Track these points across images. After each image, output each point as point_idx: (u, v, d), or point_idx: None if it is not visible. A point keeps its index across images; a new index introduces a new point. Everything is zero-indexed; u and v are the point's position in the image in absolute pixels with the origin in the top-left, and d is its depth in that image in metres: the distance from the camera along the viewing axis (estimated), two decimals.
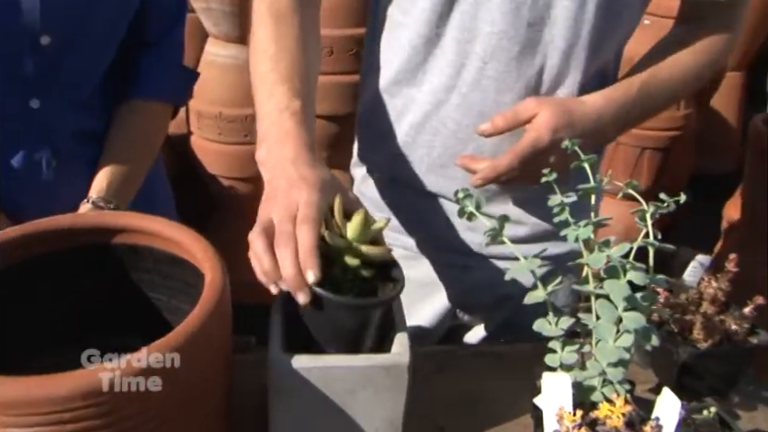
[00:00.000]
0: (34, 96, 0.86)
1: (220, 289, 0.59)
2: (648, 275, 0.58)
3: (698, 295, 0.80)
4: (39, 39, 0.82)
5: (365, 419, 0.65)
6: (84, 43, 0.87)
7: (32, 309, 0.69)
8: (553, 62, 0.81)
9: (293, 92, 0.72)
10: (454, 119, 0.85)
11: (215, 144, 1.90)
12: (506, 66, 0.81)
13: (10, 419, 0.49)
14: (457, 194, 0.66)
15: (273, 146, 0.69)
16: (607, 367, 0.60)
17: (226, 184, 1.96)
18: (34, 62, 0.83)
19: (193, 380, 0.56)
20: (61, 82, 0.87)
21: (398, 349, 0.64)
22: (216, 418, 0.62)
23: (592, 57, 0.82)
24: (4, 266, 0.65)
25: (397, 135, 0.90)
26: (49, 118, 0.88)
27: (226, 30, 1.82)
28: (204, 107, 1.87)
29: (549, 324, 0.62)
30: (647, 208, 0.61)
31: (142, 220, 0.70)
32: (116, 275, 0.72)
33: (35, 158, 0.89)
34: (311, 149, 0.69)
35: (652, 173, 1.85)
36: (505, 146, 0.83)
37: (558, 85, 0.83)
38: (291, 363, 0.61)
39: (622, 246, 0.56)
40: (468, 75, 0.83)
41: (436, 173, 0.90)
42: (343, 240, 0.64)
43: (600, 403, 0.57)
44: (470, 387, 0.79)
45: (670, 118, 1.79)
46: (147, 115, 0.97)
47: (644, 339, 0.60)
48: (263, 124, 0.72)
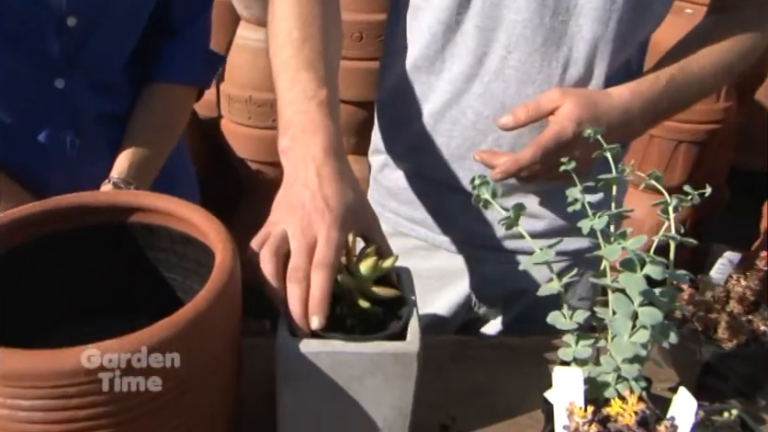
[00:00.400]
0: (59, 76, 0.87)
1: (228, 272, 0.59)
2: (667, 270, 0.56)
3: (725, 293, 0.77)
4: (65, 20, 0.83)
5: (373, 406, 0.64)
6: (108, 26, 0.87)
7: (49, 285, 0.70)
8: (579, 55, 0.78)
9: (319, 80, 0.70)
10: (474, 108, 0.83)
11: (244, 128, 1.91)
12: (529, 57, 0.78)
13: (16, 391, 0.49)
14: (473, 181, 0.65)
15: (299, 136, 0.67)
16: (622, 363, 0.58)
17: (254, 168, 1.97)
18: (60, 43, 0.85)
19: (199, 362, 0.56)
20: (85, 63, 0.89)
21: (408, 337, 0.63)
22: (224, 401, 0.62)
23: (619, 50, 0.79)
24: (21, 241, 0.66)
25: (415, 124, 0.89)
26: (73, 98, 0.89)
27: (257, 14, 1.82)
28: (234, 90, 1.88)
29: (564, 318, 0.60)
30: (669, 200, 0.59)
31: (157, 199, 0.70)
32: (132, 254, 0.72)
33: (60, 137, 0.90)
34: (339, 143, 0.67)
35: (688, 167, 1.79)
36: (525, 140, 0.81)
37: (582, 77, 0.80)
38: (299, 348, 0.60)
39: (638, 239, 0.54)
40: (491, 64, 0.81)
41: (454, 164, 0.88)
42: (353, 281, 0.64)
43: (612, 400, 0.55)
44: (483, 378, 0.78)
45: (708, 110, 1.73)
46: (170, 98, 0.97)
47: (661, 336, 0.58)
48: (287, 112, 0.70)
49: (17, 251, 0.65)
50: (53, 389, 0.49)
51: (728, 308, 0.75)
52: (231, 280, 0.59)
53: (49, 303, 0.70)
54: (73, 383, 0.49)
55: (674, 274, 0.57)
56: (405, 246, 0.95)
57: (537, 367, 0.63)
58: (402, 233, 0.97)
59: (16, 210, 0.66)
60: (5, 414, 0.50)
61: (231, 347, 0.61)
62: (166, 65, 0.97)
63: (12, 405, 0.50)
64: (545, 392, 0.64)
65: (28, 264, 0.67)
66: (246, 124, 1.90)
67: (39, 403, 0.50)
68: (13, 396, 0.49)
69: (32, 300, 0.68)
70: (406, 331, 0.63)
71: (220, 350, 0.59)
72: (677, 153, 1.76)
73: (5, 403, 0.50)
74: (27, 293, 0.68)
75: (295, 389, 0.63)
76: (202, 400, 0.58)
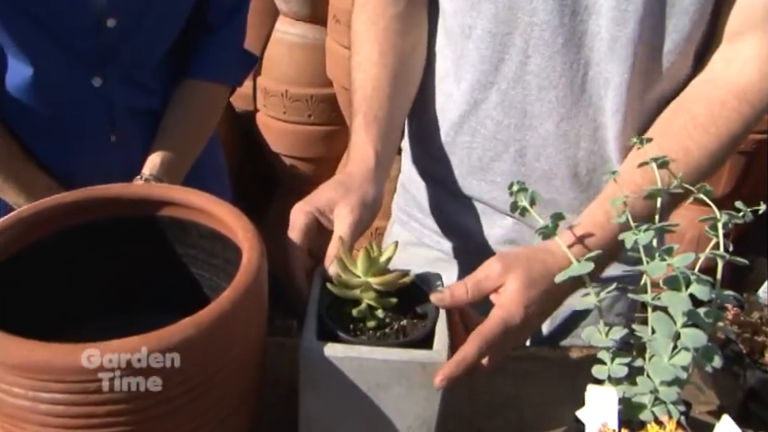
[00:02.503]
0: (96, 74, 0.88)
1: (255, 272, 0.58)
2: (714, 289, 0.53)
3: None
4: (105, 21, 0.84)
5: (397, 415, 0.62)
6: (146, 26, 0.88)
7: (79, 276, 0.70)
8: (599, 56, 0.73)
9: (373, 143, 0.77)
10: (493, 118, 0.80)
11: (279, 123, 1.91)
12: (550, 60, 0.74)
13: (39, 383, 0.49)
14: (512, 186, 0.63)
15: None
16: (660, 385, 0.55)
17: (288, 163, 1.97)
18: (98, 42, 0.86)
19: (222, 361, 0.55)
20: (122, 62, 0.90)
21: (435, 346, 0.61)
22: (245, 400, 0.61)
23: (643, 54, 0.73)
24: (50, 232, 0.66)
25: (436, 135, 0.87)
26: (109, 95, 0.90)
27: (296, 9, 1.82)
28: (271, 84, 1.88)
29: (600, 334, 0.58)
30: (719, 216, 0.56)
31: (188, 193, 0.70)
32: (161, 248, 0.72)
33: (94, 132, 0.91)
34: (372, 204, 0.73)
35: (733, 178, 1.73)
36: (550, 150, 0.78)
37: (603, 82, 0.75)
38: (324, 352, 0.59)
39: (686, 256, 0.52)
40: (507, 71, 0.77)
41: (476, 176, 0.85)
42: (356, 278, 0.64)
43: (649, 424, 0.53)
44: (511, 390, 0.75)
45: None
46: (204, 96, 0.98)
47: (705, 359, 0.55)
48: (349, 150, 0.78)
49: (46, 241, 0.66)
50: (73, 383, 0.49)
51: None
52: (256, 280, 0.58)
53: (78, 295, 0.70)
54: (93, 379, 0.49)
55: (722, 294, 0.54)
56: (428, 257, 0.93)
57: (568, 381, 0.61)
58: (426, 245, 0.95)
59: (45, 201, 0.66)
60: (26, 405, 0.50)
61: (255, 347, 0.60)
62: (201, 63, 0.97)
63: (34, 398, 0.50)
64: (574, 407, 0.61)
65: (58, 255, 0.67)
66: (281, 119, 1.90)
67: (60, 396, 0.49)
68: (35, 389, 0.49)
69: (61, 292, 0.69)
70: (433, 338, 0.61)
71: (244, 350, 0.58)
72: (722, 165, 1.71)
73: (28, 395, 0.50)
74: (56, 285, 0.68)
75: (318, 393, 0.61)
76: (223, 399, 0.57)
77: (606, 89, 0.75)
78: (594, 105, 0.77)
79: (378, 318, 0.64)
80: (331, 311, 0.64)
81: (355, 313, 0.63)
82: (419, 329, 0.63)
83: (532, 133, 0.79)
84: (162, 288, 0.73)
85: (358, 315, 0.63)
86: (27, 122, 0.90)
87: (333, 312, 0.63)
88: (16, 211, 0.64)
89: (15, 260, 0.62)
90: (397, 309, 0.65)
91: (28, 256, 0.64)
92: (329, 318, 0.62)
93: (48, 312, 0.65)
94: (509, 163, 0.82)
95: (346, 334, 0.61)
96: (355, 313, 0.63)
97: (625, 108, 0.75)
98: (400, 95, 0.81)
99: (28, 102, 0.87)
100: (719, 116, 0.70)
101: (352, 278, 0.64)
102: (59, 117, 0.89)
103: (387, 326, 0.64)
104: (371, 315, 0.64)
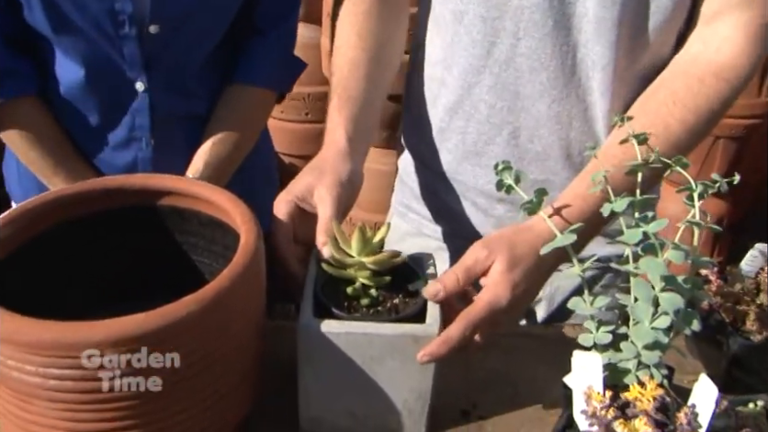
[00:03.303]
0: (139, 78, 0.90)
1: (252, 252, 0.60)
2: (690, 256, 0.55)
3: (755, 285, 0.75)
4: (147, 28, 0.86)
5: (393, 388, 0.65)
6: (189, 32, 0.89)
7: (84, 266, 0.73)
8: (587, 38, 0.76)
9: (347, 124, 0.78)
10: (486, 101, 0.82)
11: (276, 122, 1.94)
12: (540, 42, 0.77)
13: (47, 360, 0.51)
14: (497, 166, 0.65)
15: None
16: (642, 349, 0.57)
17: (287, 161, 2.00)
18: (141, 48, 0.87)
19: (222, 338, 0.58)
20: (165, 66, 0.91)
21: (428, 320, 0.64)
22: (245, 379, 0.63)
23: (627, 34, 0.75)
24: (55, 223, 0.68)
25: (432, 121, 0.89)
26: (152, 99, 0.91)
27: None
28: None
29: (584, 303, 0.60)
30: (695, 186, 0.58)
31: (187, 183, 0.73)
32: (163, 237, 0.74)
33: (135, 135, 0.93)
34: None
35: (726, 164, 1.75)
36: (542, 130, 0.80)
37: (591, 64, 0.77)
38: (320, 328, 0.62)
39: (659, 222, 0.54)
40: (499, 54, 0.79)
41: (471, 161, 0.87)
42: (351, 258, 0.66)
43: (631, 385, 0.55)
44: (505, 366, 0.78)
45: (748, 105, 1.69)
46: (250, 100, 0.98)
47: (684, 323, 0.58)
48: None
49: (49, 233, 0.68)
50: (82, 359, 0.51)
51: (758, 300, 0.73)
52: (253, 260, 0.60)
53: (82, 285, 0.72)
54: (99, 355, 0.51)
55: (698, 260, 0.57)
56: (428, 247, 0.94)
57: (561, 357, 0.63)
58: (425, 234, 0.97)
59: (47, 194, 0.68)
60: (36, 381, 0.53)
61: (253, 326, 0.63)
62: (249, 67, 0.98)
63: (44, 374, 0.52)
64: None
65: (61, 246, 0.69)
66: (279, 117, 1.93)
67: (68, 372, 0.52)
68: (44, 365, 0.52)
69: (65, 282, 0.71)
70: (425, 314, 0.64)
71: (243, 328, 0.60)
72: (715, 150, 1.73)
73: (38, 371, 0.52)
74: (60, 275, 0.71)
75: (315, 368, 0.64)
76: (224, 376, 0.59)
77: (594, 70, 0.77)
78: (584, 86, 0.79)
79: (372, 296, 0.66)
80: (326, 289, 0.66)
81: (350, 292, 0.66)
82: (411, 306, 0.65)
83: (525, 115, 0.81)
84: (165, 276, 0.75)
85: (353, 293, 0.66)
86: (76, 125, 0.92)
87: (329, 291, 0.66)
88: (19, 204, 0.67)
89: (19, 252, 0.65)
90: (390, 287, 0.67)
91: (32, 248, 0.66)
92: (324, 296, 0.65)
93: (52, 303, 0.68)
94: (503, 146, 0.84)
95: (341, 311, 0.63)
96: (350, 292, 0.66)
97: (612, 88, 0.78)
98: (376, 77, 0.83)
99: (77, 104, 0.90)
100: (698, 92, 0.72)
101: (346, 257, 0.66)
102: (104, 120, 0.91)
103: (380, 304, 0.66)
104: (365, 293, 0.66)
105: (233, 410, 0.62)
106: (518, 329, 0.86)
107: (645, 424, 0.50)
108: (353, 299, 0.66)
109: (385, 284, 0.67)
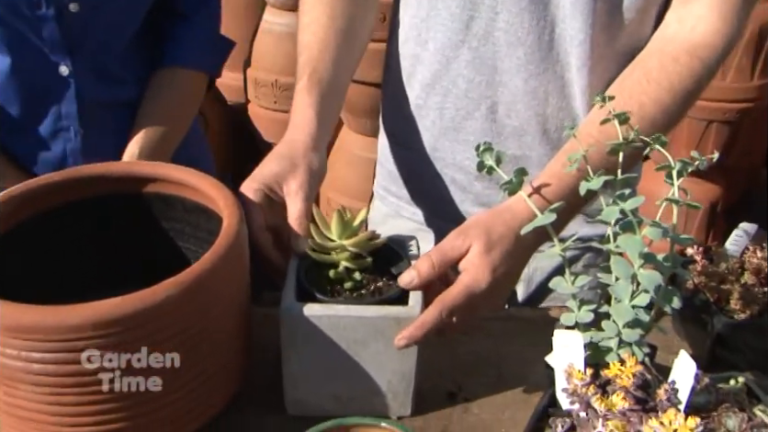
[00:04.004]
0: (63, 62, 0.89)
1: (234, 235, 0.61)
2: (669, 233, 0.55)
3: (740, 265, 0.76)
4: (67, 6, 0.85)
5: (377, 371, 0.65)
6: (110, 10, 0.89)
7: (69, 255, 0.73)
8: (564, 13, 0.76)
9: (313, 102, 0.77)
10: (465, 76, 0.82)
11: (271, 112, 1.94)
12: (517, 17, 0.77)
13: (29, 344, 0.52)
14: (478, 148, 0.65)
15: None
16: (623, 328, 0.58)
17: None
18: (62, 28, 0.86)
19: (204, 320, 0.58)
20: (88, 48, 0.90)
21: (410, 302, 0.64)
22: (230, 363, 0.64)
23: (603, 10, 0.75)
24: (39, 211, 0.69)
25: (409, 99, 0.89)
26: (78, 85, 0.90)
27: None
28: (261, 74, 1.90)
29: (566, 283, 0.60)
30: (673, 164, 0.58)
31: (170, 169, 0.73)
32: (148, 223, 0.75)
33: (63, 125, 0.92)
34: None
35: (719, 148, 1.75)
36: (519, 105, 0.80)
37: (569, 39, 0.77)
38: (303, 312, 0.62)
39: (637, 199, 0.54)
40: (478, 29, 0.79)
41: (449, 137, 0.87)
42: (330, 242, 0.67)
43: (612, 363, 0.55)
44: (491, 349, 0.78)
45: (740, 89, 1.68)
46: (179, 84, 0.98)
47: (665, 300, 0.58)
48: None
49: (32, 221, 0.68)
50: (62, 342, 0.51)
51: (742, 279, 0.74)
52: (235, 243, 0.60)
53: (67, 274, 0.72)
54: (80, 338, 0.51)
55: (677, 237, 0.57)
56: (407, 229, 0.96)
57: (547, 339, 0.63)
58: (403, 216, 0.98)
59: (29, 182, 0.68)
60: (20, 366, 0.53)
61: (237, 308, 0.63)
62: (176, 50, 0.98)
63: (27, 358, 0.52)
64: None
65: (44, 235, 0.69)
66: (273, 108, 1.93)
67: (50, 356, 0.52)
68: (26, 349, 0.52)
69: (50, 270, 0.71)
70: (408, 296, 0.64)
71: (226, 310, 0.61)
72: (708, 134, 1.72)
73: (21, 355, 0.53)
74: (45, 264, 0.71)
75: (299, 352, 0.64)
76: (208, 358, 0.60)
77: (572, 46, 0.78)
78: (561, 61, 0.79)
79: (355, 280, 0.66)
80: (309, 274, 0.66)
81: (332, 275, 0.66)
82: (394, 289, 0.66)
83: (503, 89, 0.82)
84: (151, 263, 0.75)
85: (335, 277, 0.66)
86: (3, 118, 0.91)
87: (312, 276, 0.66)
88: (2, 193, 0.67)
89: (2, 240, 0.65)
90: (372, 271, 0.67)
91: (14, 237, 0.66)
92: (308, 281, 0.65)
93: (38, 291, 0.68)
94: (480, 121, 0.84)
95: (324, 295, 0.64)
96: (332, 275, 0.66)
97: (590, 64, 0.78)
98: (346, 60, 0.82)
99: (6, 94, 0.89)
100: (672, 71, 0.73)
101: (327, 242, 0.67)
102: (28, 112, 0.90)
103: (363, 287, 0.66)
104: (348, 277, 0.66)
105: (219, 392, 0.63)
106: (503, 313, 0.86)
107: (622, 399, 0.50)
108: (336, 283, 0.66)
109: (368, 267, 0.67)
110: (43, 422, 0.56)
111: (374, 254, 0.67)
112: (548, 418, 0.57)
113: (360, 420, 0.52)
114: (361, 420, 0.52)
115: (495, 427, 0.69)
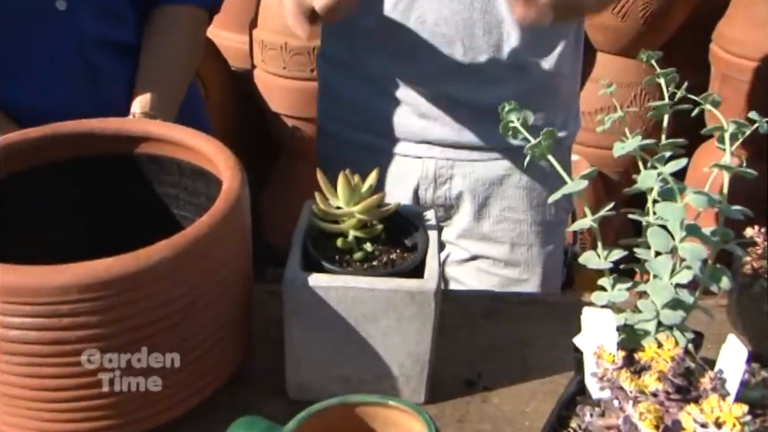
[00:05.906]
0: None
1: (234, 198, 0.61)
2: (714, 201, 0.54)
3: None
4: None
5: (388, 351, 0.65)
6: None
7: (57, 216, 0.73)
8: None
9: None
10: None
11: (279, 79, 1.93)
12: None
13: (8, 307, 0.52)
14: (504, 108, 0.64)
15: None
16: (662, 308, 0.57)
17: (290, 124, 1.99)
18: None
19: (202, 288, 0.58)
20: None
21: (426, 275, 0.63)
22: (232, 335, 0.64)
23: None
24: (25, 166, 0.69)
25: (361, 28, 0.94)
26: (76, 21, 0.91)
27: None
28: (268, 36, 1.89)
29: (598, 257, 0.59)
30: (726, 126, 0.57)
31: (165, 127, 0.73)
32: (141, 187, 0.75)
33: (65, 66, 0.93)
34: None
35: None
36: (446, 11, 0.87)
37: None
38: (308, 281, 0.62)
39: (678, 162, 0.53)
40: None
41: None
42: (337, 209, 0.67)
43: (647, 345, 0.54)
44: (514, 335, 0.78)
45: None
46: (182, 21, 0.99)
47: (711, 279, 0.57)
48: None
49: (21, 175, 0.69)
50: (45, 306, 0.52)
51: None
52: (236, 207, 0.61)
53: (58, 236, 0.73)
54: (64, 301, 0.52)
55: (727, 209, 0.56)
56: (353, 150, 1.02)
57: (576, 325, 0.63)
58: (346, 141, 1.05)
59: (18, 134, 0.69)
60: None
61: (237, 276, 0.63)
62: None
63: (5, 323, 0.53)
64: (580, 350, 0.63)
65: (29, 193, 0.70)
66: (281, 74, 1.92)
67: (30, 321, 0.53)
68: (5, 313, 0.53)
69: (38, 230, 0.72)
70: (423, 269, 0.64)
71: (226, 278, 0.61)
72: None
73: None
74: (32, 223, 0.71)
75: (303, 328, 0.64)
76: (207, 328, 0.60)
77: None
78: None
79: (366, 250, 0.66)
80: (317, 243, 0.66)
81: (341, 244, 0.66)
82: (409, 261, 0.66)
83: None
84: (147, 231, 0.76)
85: (344, 247, 0.66)
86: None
87: (319, 245, 0.66)
88: None
89: None
90: (385, 242, 0.67)
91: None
92: (314, 250, 0.65)
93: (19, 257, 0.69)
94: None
95: (332, 265, 0.64)
96: (341, 244, 0.66)
97: None
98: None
99: None
100: None
101: (334, 209, 0.67)
102: (28, 46, 0.91)
103: (375, 259, 0.66)
104: (358, 247, 0.66)
105: (218, 367, 0.63)
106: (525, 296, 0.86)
107: (656, 380, 0.49)
108: (345, 252, 0.66)
109: (379, 237, 0.67)
110: (20, 397, 0.57)
111: (386, 225, 0.67)
112: (576, 407, 0.57)
113: (365, 398, 0.52)
114: (366, 398, 0.52)
115: (517, 420, 0.68)
